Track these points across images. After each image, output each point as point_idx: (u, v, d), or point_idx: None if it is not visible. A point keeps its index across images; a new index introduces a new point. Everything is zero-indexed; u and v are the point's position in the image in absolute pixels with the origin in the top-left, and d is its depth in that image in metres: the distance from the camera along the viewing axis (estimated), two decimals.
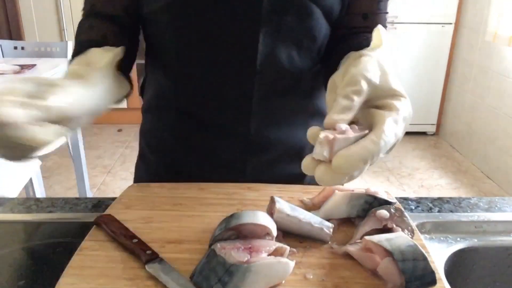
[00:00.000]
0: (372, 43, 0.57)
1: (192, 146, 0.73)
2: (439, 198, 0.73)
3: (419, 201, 0.72)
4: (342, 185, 0.47)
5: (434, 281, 0.46)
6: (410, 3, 3.35)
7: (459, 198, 0.74)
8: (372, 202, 0.59)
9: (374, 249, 0.49)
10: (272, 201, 0.56)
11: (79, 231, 0.60)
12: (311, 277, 0.49)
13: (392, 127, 0.45)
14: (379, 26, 0.58)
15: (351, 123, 0.47)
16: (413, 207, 0.70)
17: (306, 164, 0.45)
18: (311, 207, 0.63)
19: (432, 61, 3.53)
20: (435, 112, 3.69)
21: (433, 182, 2.96)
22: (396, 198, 0.64)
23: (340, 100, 0.46)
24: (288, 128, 0.72)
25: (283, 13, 0.62)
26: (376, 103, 0.49)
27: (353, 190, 0.61)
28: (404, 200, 0.72)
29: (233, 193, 0.66)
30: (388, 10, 0.71)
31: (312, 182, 0.78)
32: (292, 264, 0.47)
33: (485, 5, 3.09)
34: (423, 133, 3.74)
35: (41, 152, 0.47)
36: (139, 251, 0.51)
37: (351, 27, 0.69)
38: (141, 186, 0.68)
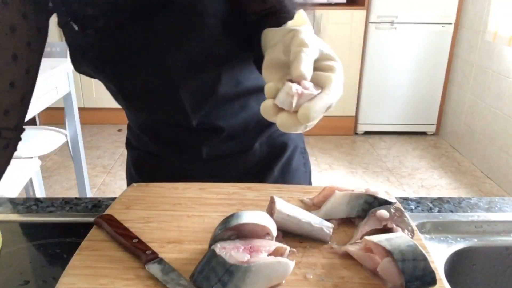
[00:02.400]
0: (296, 22, 0.61)
1: (158, 139, 0.80)
2: (439, 198, 0.73)
3: (419, 201, 0.72)
4: (300, 131, 0.50)
5: (434, 281, 0.46)
6: (410, 3, 3.35)
7: (459, 198, 0.74)
8: (372, 202, 0.59)
9: (374, 249, 0.49)
10: (272, 201, 0.56)
11: (79, 231, 0.60)
12: (311, 277, 0.49)
13: (339, 84, 0.50)
14: (300, 10, 0.62)
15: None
16: (413, 207, 0.70)
17: (267, 108, 0.48)
18: (311, 207, 0.63)
19: (432, 61, 3.54)
20: (435, 112, 3.69)
21: (433, 182, 2.96)
22: (396, 198, 0.64)
23: (303, 56, 0.49)
24: (230, 112, 0.76)
25: (181, 32, 0.64)
26: (315, 65, 0.53)
27: (353, 190, 0.61)
28: (404, 200, 0.72)
29: (233, 193, 0.66)
30: None
31: (263, 150, 0.83)
32: (292, 264, 0.47)
33: (485, 5, 3.09)
34: (423, 133, 3.74)
35: None
36: (139, 251, 0.51)
37: (255, 12, 0.69)
38: (141, 186, 0.68)
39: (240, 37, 0.69)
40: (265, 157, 0.83)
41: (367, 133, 3.69)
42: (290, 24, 0.60)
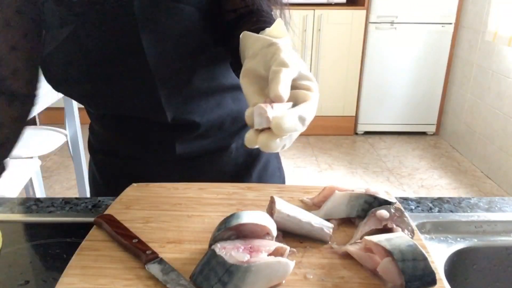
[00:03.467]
0: (274, 32, 0.60)
1: (127, 136, 0.79)
2: (439, 198, 0.73)
3: (419, 201, 0.72)
4: (282, 149, 0.50)
5: (434, 281, 0.46)
6: (410, 3, 3.35)
7: (459, 198, 0.74)
8: (372, 202, 0.59)
9: (374, 249, 0.49)
10: (272, 201, 0.56)
11: (79, 231, 0.60)
12: (311, 277, 0.49)
13: (315, 102, 0.50)
14: (279, 19, 0.62)
15: None
16: (413, 207, 0.70)
17: (249, 137, 0.48)
18: (311, 207, 0.63)
19: (432, 61, 3.53)
20: (435, 112, 3.69)
21: (433, 182, 2.96)
22: (396, 198, 0.64)
23: (281, 77, 0.50)
24: (205, 108, 0.75)
25: (156, 16, 0.64)
26: (292, 84, 0.53)
27: (353, 190, 0.61)
28: (404, 200, 0.72)
29: (233, 193, 0.66)
30: None
31: (240, 151, 0.82)
32: (292, 264, 0.47)
33: (485, 5, 3.09)
34: (423, 133, 3.74)
35: None
36: (139, 251, 0.51)
37: (233, 10, 0.71)
38: (141, 186, 0.68)
39: (216, 32, 0.70)
40: (243, 160, 0.82)
41: (367, 133, 3.69)
42: (268, 32, 0.60)
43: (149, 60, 0.65)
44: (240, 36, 0.63)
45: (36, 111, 2.07)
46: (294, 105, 0.50)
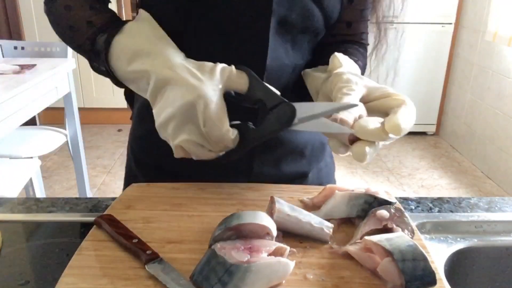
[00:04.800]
0: (331, 67, 0.63)
1: None
2: (439, 198, 0.73)
3: (419, 201, 0.72)
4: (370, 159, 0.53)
5: (434, 281, 0.46)
6: (410, 3, 3.35)
7: (459, 198, 0.74)
8: (372, 202, 0.59)
9: (374, 249, 0.49)
10: (272, 201, 0.56)
11: (79, 231, 0.60)
12: (311, 277, 0.49)
13: (409, 106, 0.54)
14: (336, 53, 0.64)
15: None
16: (413, 207, 0.70)
17: (334, 147, 0.55)
18: (311, 207, 0.63)
19: (432, 61, 3.53)
20: (435, 112, 3.69)
21: (433, 182, 2.96)
22: (396, 198, 0.64)
23: (344, 91, 0.54)
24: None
25: (289, 9, 0.63)
26: (375, 97, 0.57)
27: (353, 190, 0.61)
28: (404, 200, 0.72)
29: (233, 193, 0.66)
30: (392, 12, 0.77)
31: (314, 181, 0.78)
32: (292, 264, 0.47)
33: (485, 5, 3.09)
34: (423, 133, 3.74)
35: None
36: (139, 251, 0.51)
37: (335, 34, 0.72)
38: (141, 186, 0.68)
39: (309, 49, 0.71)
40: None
41: None
42: (330, 67, 0.63)
43: (269, 53, 0.64)
44: (302, 72, 0.67)
45: (36, 111, 2.08)
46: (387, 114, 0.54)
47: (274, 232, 0.51)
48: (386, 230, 0.53)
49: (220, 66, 0.57)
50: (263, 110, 0.55)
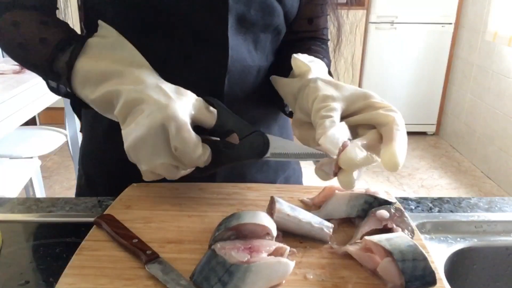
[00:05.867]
0: (297, 71, 0.61)
1: None
2: (439, 198, 0.73)
3: (419, 201, 0.72)
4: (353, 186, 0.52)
5: (434, 281, 0.46)
6: (410, 3, 3.35)
7: (459, 198, 0.74)
8: (372, 202, 0.59)
9: (374, 249, 0.49)
10: (272, 201, 0.56)
11: (79, 231, 0.60)
12: (311, 277, 0.49)
13: (399, 123, 0.51)
14: (294, 55, 0.62)
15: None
16: (413, 207, 0.70)
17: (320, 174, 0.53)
18: (311, 207, 0.63)
19: (432, 61, 3.54)
20: (435, 112, 3.69)
21: (433, 182, 2.97)
22: (396, 198, 0.64)
23: (326, 124, 0.51)
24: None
25: (247, 5, 0.61)
26: (359, 107, 0.55)
27: (353, 190, 0.61)
28: (404, 200, 0.72)
29: (233, 193, 0.66)
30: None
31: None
32: (292, 264, 0.47)
33: (485, 5, 3.09)
34: (423, 133, 3.74)
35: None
36: (139, 251, 0.51)
37: (297, 31, 0.71)
38: (141, 186, 0.67)
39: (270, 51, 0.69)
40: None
41: None
42: (294, 72, 0.61)
43: (230, 52, 0.61)
44: (271, 78, 0.64)
45: (36, 111, 2.08)
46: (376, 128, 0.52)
47: (274, 232, 0.51)
48: (386, 230, 0.53)
49: (194, 95, 0.55)
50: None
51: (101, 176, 0.75)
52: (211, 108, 0.55)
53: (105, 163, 0.73)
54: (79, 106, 0.61)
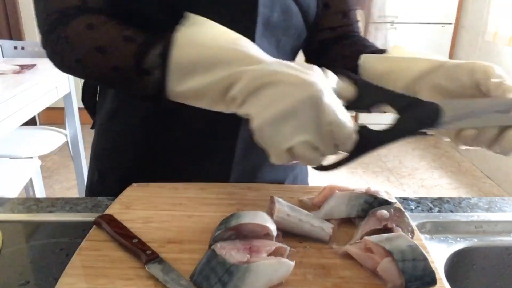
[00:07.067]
0: (399, 51, 0.63)
1: (174, 153, 0.71)
2: (439, 198, 0.73)
3: (419, 201, 0.72)
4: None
5: (434, 281, 0.46)
6: (410, 3, 3.35)
7: (459, 198, 0.73)
8: (372, 202, 0.59)
9: (374, 249, 0.49)
10: (272, 201, 0.56)
11: (79, 231, 0.60)
12: (311, 277, 0.49)
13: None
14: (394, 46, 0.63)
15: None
16: (413, 207, 0.70)
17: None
18: (311, 207, 0.63)
19: None
20: None
21: (433, 182, 2.96)
22: (396, 198, 0.64)
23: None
24: None
25: (272, 9, 0.62)
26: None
27: (353, 190, 0.61)
28: (404, 200, 0.72)
29: (233, 193, 0.66)
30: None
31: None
32: (292, 264, 0.47)
33: (485, 5, 3.09)
34: (423, 133, 3.74)
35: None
36: (139, 251, 0.51)
37: (333, 27, 0.71)
38: (141, 186, 0.68)
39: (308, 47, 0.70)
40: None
41: None
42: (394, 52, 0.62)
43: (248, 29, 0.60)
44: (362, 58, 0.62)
45: (36, 111, 2.08)
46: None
47: (274, 232, 0.51)
48: (386, 230, 0.53)
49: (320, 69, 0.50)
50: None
51: (114, 172, 0.76)
52: (348, 81, 0.51)
53: (119, 159, 0.74)
54: (157, 105, 0.56)
